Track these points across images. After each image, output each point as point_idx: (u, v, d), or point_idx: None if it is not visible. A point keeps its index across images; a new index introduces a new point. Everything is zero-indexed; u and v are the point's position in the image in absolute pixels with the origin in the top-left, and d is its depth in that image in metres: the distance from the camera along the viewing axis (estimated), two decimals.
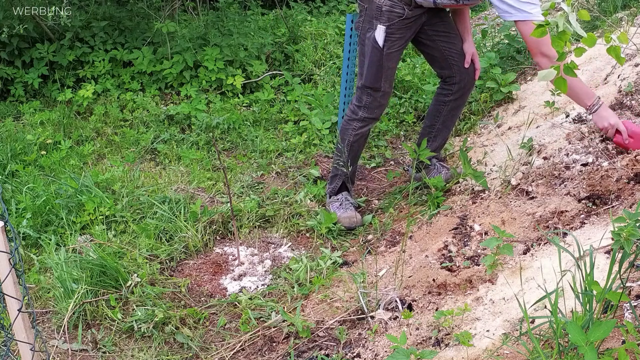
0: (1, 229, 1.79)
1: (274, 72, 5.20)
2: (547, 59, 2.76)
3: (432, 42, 3.15)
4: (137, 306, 2.73)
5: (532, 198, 2.82)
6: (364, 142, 3.32)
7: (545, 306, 2.04)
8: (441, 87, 3.30)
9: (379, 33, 2.95)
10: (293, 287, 2.81)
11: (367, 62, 3.04)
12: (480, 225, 2.80)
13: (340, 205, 3.31)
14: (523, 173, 3.00)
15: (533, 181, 2.90)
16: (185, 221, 3.25)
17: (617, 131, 2.81)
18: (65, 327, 2.66)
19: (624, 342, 1.75)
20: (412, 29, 3.04)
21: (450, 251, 2.69)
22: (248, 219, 3.35)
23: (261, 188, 3.71)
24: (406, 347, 2.08)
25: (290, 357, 2.41)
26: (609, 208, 2.55)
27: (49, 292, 2.87)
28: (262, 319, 2.65)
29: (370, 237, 3.17)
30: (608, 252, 2.18)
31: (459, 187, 3.28)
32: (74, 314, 2.71)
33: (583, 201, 2.64)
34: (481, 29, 4.67)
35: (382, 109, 3.20)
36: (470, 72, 3.21)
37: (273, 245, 3.20)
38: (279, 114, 4.64)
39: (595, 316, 1.71)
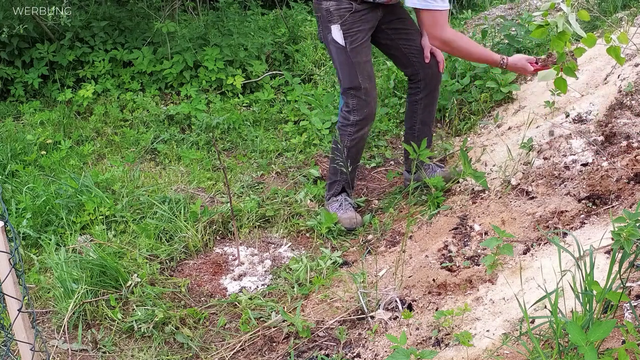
0: (1, 229, 1.79)
1: (274, 72, 5.21)
2: (438, 41, 2.87)
3: (392, 41, 3.16)
4: (137, 306, 2.72)
5: (532, 198, 2.82)
6: (363, 144, 3.28)
7: (545, 306, 2.04)
8: (410, 87, 3.30)
9: (336, 33, 2.99)
10: (293, 287, 2.81)
11: (338, 65, 3.07)
12: (480, 225, 2.80)
13: (340, 206, 3.30)
14: (523, 173, 3.00)
15: (533, 181, 2.90)
16: (185, 221, 3.25)
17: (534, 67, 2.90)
18: (65, 327, 2.66)
19: (624, 342, 1.75)
20: (369, 21, 3.03)
21: (450, 251, 2.69)
22: (248, 219, 3.35)
23: (261, 188, 3.71)
24: (406, 347, 2.08)
25: (290, 357, 2.41)
26: (609, 208, 2.55)
27: (49, 292, 2.87)
28: (262, 319, 2.65)
29: (370, 237, 3.17)
30: (608, 252, 2.18)
31: (459, 187, 3.28)
32: (74, 314, 2.71)
33: (583, 201, 2.64)
34: (481, 29, 4.67)
35: (370, 108, 3.13)
36: (433, 65, 3.18)
37: (273, 245, 3.20)
38: (279, 114, 4.64)
39: (595, 316, 1.71)
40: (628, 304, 1.86)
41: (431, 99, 3.27)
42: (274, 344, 2.52)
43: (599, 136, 2.98)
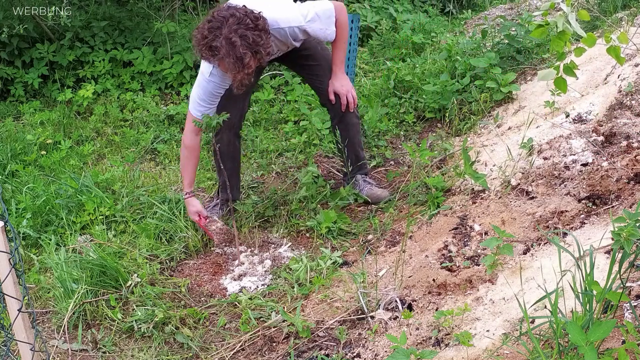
0: (1, 229, 1.79)
1: (274, 72, 5.20)
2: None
3: (302, 76, 3.37)
4: (137, 306, 2.72)
5: (532, 198, 2.82)
6: (228, 150, 3.31)
7: (545, 306, 2.04)
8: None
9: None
10: (293, 287, 2.81)
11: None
12: (480, 225, 2.80)
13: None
14: (523, 173, 3.00)
15: (533, 181, 2.90)
16: (185, 221, 3.25)
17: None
18: (65, 327, 2.66)
19: (624, 342, 1.75)
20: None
21: (450, 251, 2.69)
22: (248, 219, 3.35)
23: (261, 188, 3.71)
24: (406, 347, 2.08)
25: (290, 357, 2.41)
26: (609, 208, 2.55)
27: (49, 292, 2.87)
28: (262, 319, 2.65)
29: (370, 237, 3.17)
30: (608, 252, 2.18)
31: (459, 187, 3.28)
32: (74, 314, 2.71)
33: (583, 201, 2.64)
34: (481, 29, 4.67)
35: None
36: (337, 101, 3.26)
37: (273, 245, 3.20)
38: (279, 114, 4.64)
39: (595, 316, 1.70)
40: (628, 304, 1.86)
41: (344, 127, 3.38)
42: (274, 344, 2.52)
43: (599, 136, 2.98)
